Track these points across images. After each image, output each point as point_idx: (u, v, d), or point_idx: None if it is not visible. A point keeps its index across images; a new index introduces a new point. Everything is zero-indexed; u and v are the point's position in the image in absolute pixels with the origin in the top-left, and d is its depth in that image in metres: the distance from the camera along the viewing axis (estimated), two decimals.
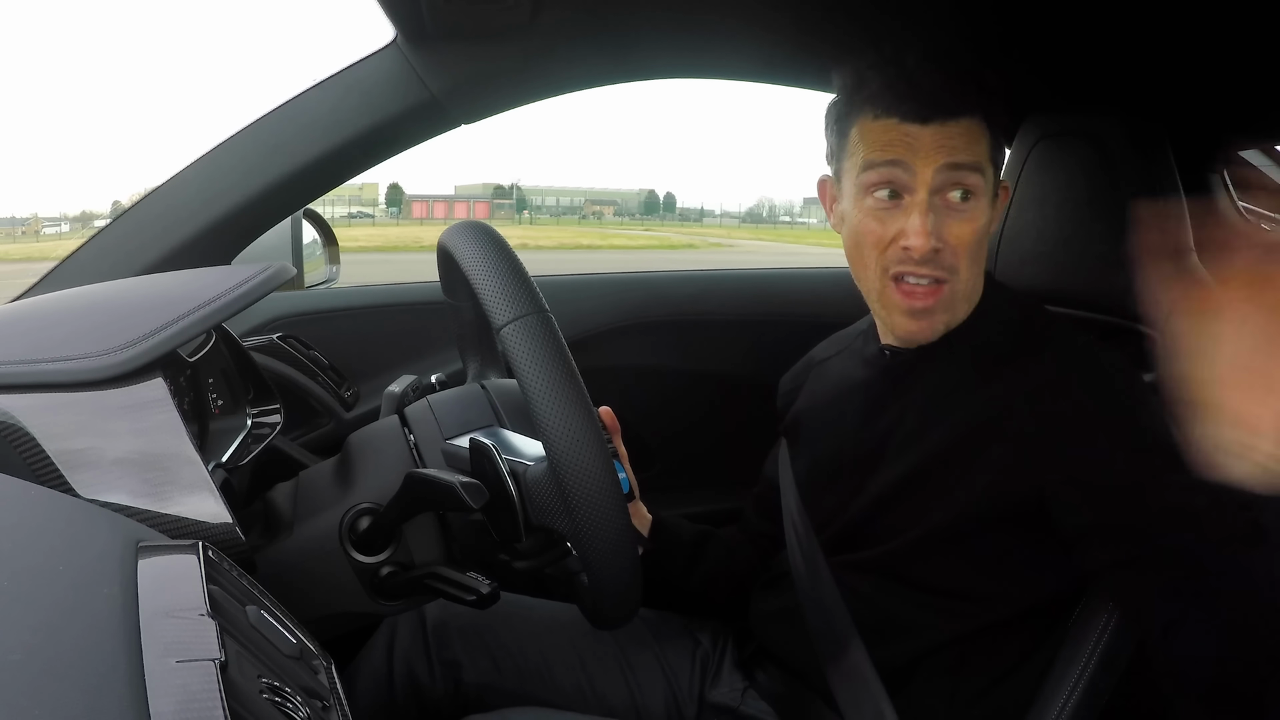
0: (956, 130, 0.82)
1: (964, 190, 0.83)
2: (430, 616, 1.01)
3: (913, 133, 0.82)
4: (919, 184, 0.82)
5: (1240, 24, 0.99)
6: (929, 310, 0.85)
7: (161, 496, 0.66)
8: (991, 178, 0.86)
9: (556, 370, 0.64)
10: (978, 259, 0.86)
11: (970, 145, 0.82)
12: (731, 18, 1.16)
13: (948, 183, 0.82)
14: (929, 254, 0.82)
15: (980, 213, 0.84)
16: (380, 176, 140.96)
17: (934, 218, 0.82)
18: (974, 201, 0.83)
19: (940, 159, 0.81)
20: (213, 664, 0.38)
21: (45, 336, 0.70)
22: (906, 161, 0.82)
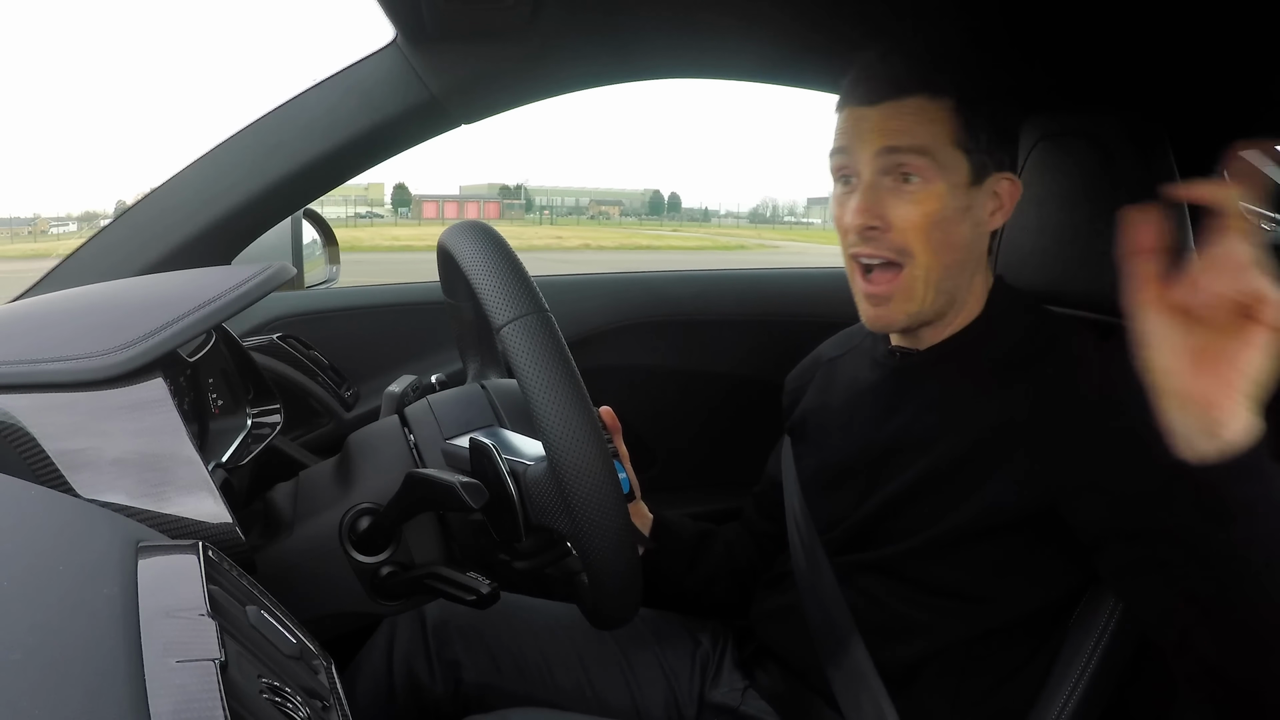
0: (904, 110, 0.82)
1: (905, 173, 0.83)
2: (430, 616, 1.01)
3: (861, 115, 0.84)
4: (862, 165, 0.84)
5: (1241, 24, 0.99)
6: (886, 297, 0.85)
7: (161, 496, 0.65)
8: (958, 161, 0.83)
9: (556, 370, 0.64)
10: (938, 244, 0.83)
11: (915, 126, 0.82)
12: (732, 18, 1.16)
13: (889, 165, 0.83)
14: (867, 231, 0.84)
15: (931, 195, 0.82)
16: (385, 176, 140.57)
17: (875, 196, 0.83)
18: (920, 184, 0.82)
19: (878, 143, 0.83)
20: (213, 664, 0.38)
21: (45, 336, 0.70)
22: (849, 147, 0.85)
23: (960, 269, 0.87)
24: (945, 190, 0.83)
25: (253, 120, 1.14)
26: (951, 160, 0.83)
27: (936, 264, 0.84)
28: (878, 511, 0.89)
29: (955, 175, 0.84)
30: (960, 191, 0.84)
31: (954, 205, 0.84)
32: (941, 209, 0.83)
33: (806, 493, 0.99)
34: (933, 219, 0.83)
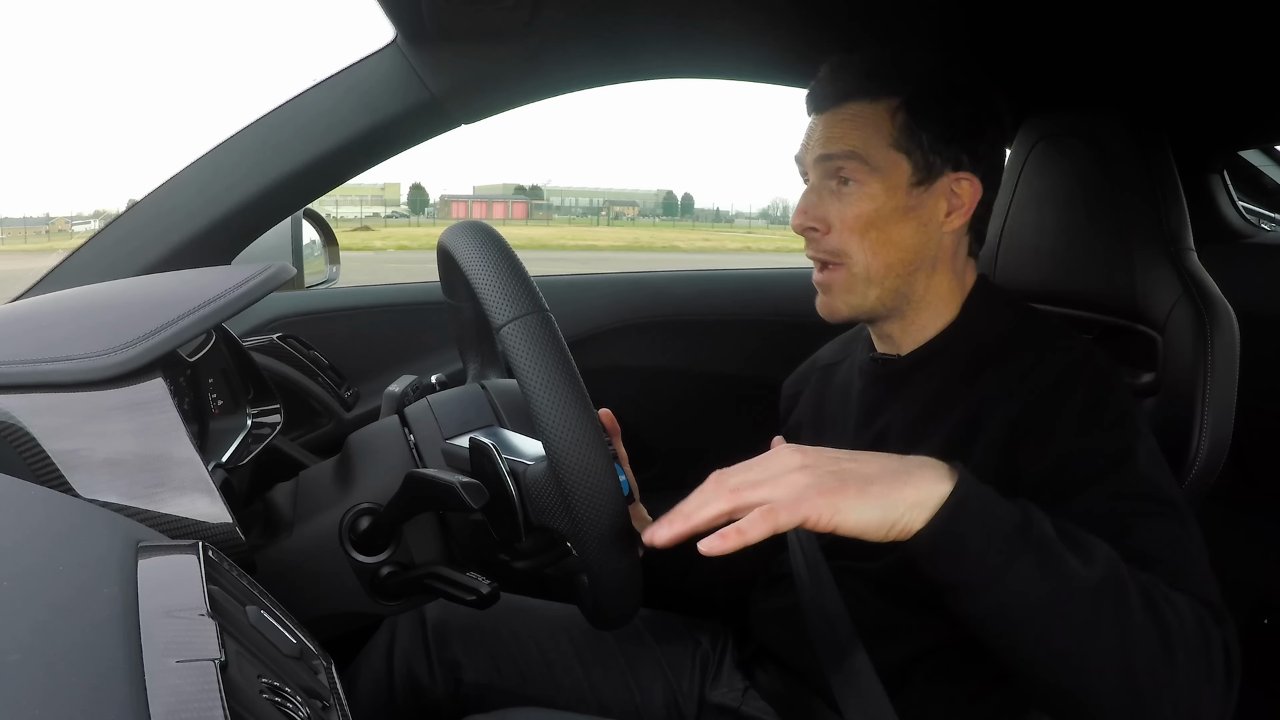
0: (840, 116, 0.86)
1: (843, 177, 0.86)
2: (430, 616, 1.01)
3: (811, 124, 0.90)
4: (810, 171, 0.89)
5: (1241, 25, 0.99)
6: (827, 286, 0.90)
7: (161, 496, 0.65)
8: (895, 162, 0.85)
9: (556, 370, 0.64)
10: (876, 244, 0.86)
11: (848, 132, 0.85)
12: (731, 18, 1.16)
13: (829, 170, 0.87)
14: (807, 232, 0.89)
15: (864, 197, 0.85)
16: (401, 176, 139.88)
17: (814, 199, 0.88)
18: (854, 185, 0.86)
19: (816, 151, 0.88)
20: (213, 664, 0.38)
21: (45, 336, 0.70)
22: (801, 158, 0.91)
23: (907, 268, 0.87)
24: (880, 191, 0.85)
25: (253, 120, 1.14)
26: (887, 161, 0.85)
27: (876, 262, 0.87)
28: None
29: (893, 176, 0.85)
30: (900, 192, 0.85)
31: (892, 205, 0.85)
32: (876, 209, 0.85)
33: None
34: (866, 219, 0.86)
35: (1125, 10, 1.00)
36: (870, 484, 0.61)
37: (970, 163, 0.87)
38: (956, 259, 0.90)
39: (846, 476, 0.61)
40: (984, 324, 0.89)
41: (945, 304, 0.90)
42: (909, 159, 0.85)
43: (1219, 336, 0.90)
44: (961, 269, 0.91)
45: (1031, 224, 1.06)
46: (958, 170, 0.86)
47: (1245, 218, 1.55)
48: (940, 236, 0.88)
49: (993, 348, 0.86)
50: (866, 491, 0.61)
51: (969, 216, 0.88)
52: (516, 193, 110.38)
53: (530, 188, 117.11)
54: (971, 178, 0.87)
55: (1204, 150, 1.45)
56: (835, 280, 0.89)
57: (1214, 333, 0.90)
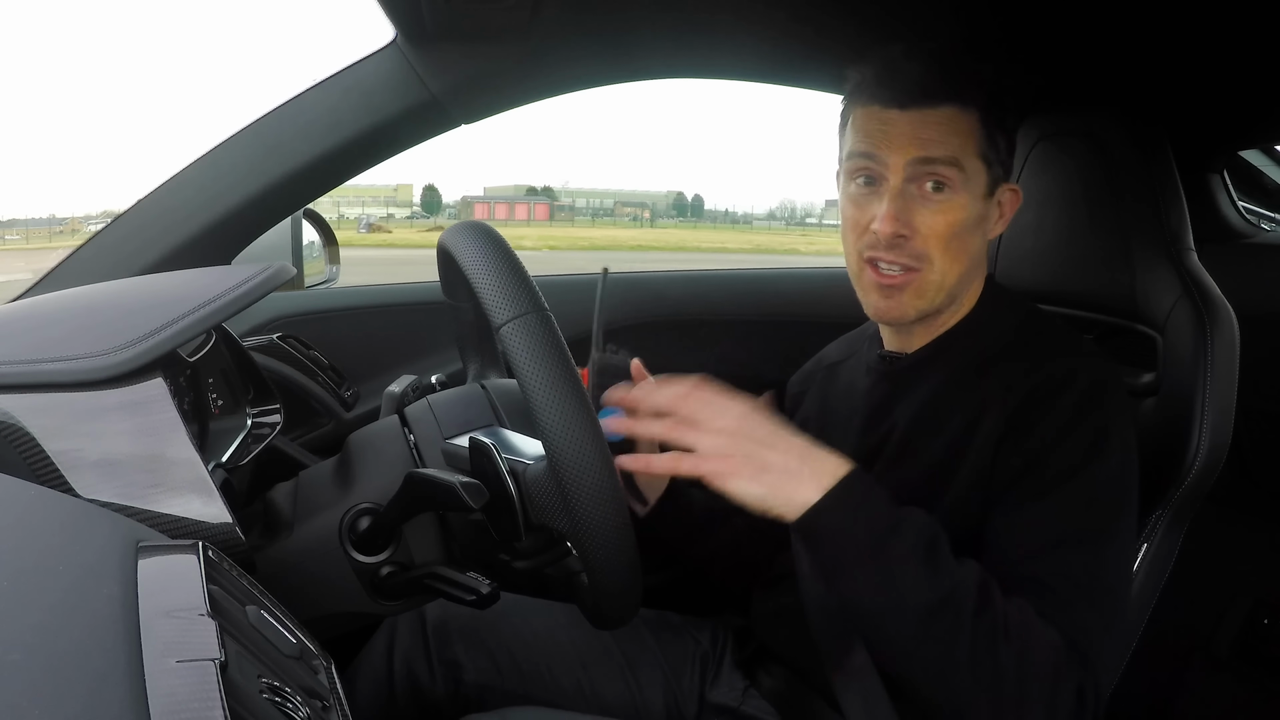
0: (935, 118, 0.82)
1: (936, 181, 0.83)
2: (430, 616, 1.01)
3: (890, 118, 0.83)
4: (891, 171, 0.83)
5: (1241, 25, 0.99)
6: (898, 288, 0.86)
7: (161, 496, 0.65)
8: (980, 172, 0.85)
9: (556, 369, 0.64)
10: (956, 252, 0.85)
11: (947, 137, 0.82)
12: (731, 18, 1.16)
13: (920, 173, 0.83)
14: (895, 239, 0.83)
15: (956, 206, 0.83)
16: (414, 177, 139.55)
17: (903, 204, 0.83)
18: (949, 193, 0.83)
19: (912, 152, 0.82)
20: (213, 664, 0.38)
21: (45, 336, 0.70)
22: (879, 154, 0.84)
23: (969, 275, 0.88)
24: (969, 201, 0.84)
25: (253, 120, 1.14)
26: (975, 171, 0.84)
27: (952, 271, 0.85)
28: None
29: (977, 186, 0.85)
30: (980, 202, 0.86)
31: (974, 215, 0.85)
32: (965, 219, 0.84)
33: None
34: (955, 229, 0.84)
35: (1125, 10, 1.00)
36: (765, 472, 0.72)
37: (1009, 173, 0.89)
38: (985, 264, 0.92)
39: (753, 458, 0.73)
40: (990, 324, 0.90)
41: (968, 304, 0.92)
42: (988, 170, 0.85)
43: (1219, 336, 0.90)
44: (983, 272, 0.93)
45: (1031, 224, 1.06)
46: (1007, 180, 0.89)
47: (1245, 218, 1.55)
48: (987, 245, 0.90)
49: (997, 349, 0.87)
50: (759, 478, 0.72)
51: (1006, 225, 0.91)
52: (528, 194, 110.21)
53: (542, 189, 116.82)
54: (1015, 188, 0.90)
55: (1204, 150, 1.45)
56: (909, 284, 0.85)
57: (1214, 333, 0.90)
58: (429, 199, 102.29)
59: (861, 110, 0.86)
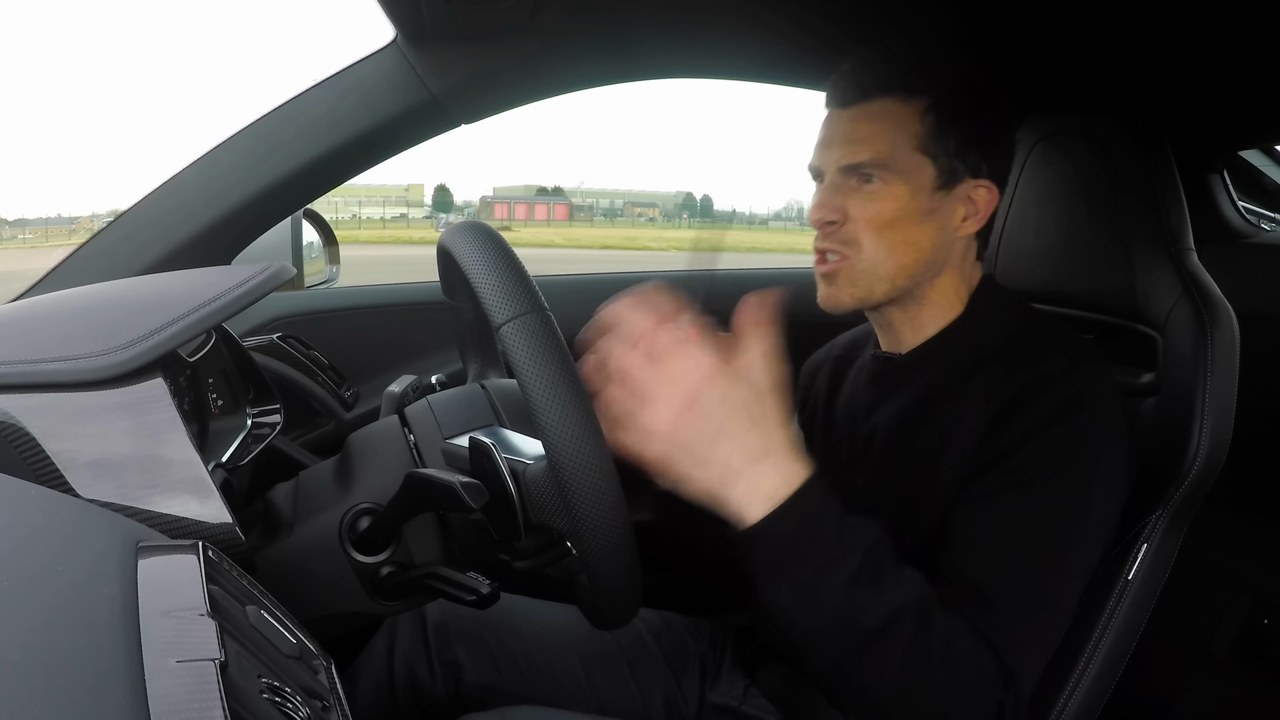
0: (869, 113, 0.84)
1: (866, 174, 0.85)
2: (430, 617, 1.01)
3: (832, 120, 0.88)
4: (827, 167, 0.88)
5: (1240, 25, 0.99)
6: (831, 276, 0.88)
7: (161, 496, 0.65)
8: (921, 165, 0.84)
9: (556, 369, 0.64)
10: (890, 241, 0.85)
11: (876, 134, 0.84)
12: (731, 18, 1.16)
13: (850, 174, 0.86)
14: (825, 226, 0.87)
15: (887, 195, 0.84)
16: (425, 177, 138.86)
17: (833, 193, 0.87)
18: (878, 183, 0.84)
19: (842, 159, 0.86)
20: (213, 664, 0.38)
21: (45, 336, 0.70)
22: (819, 151, 0.88)
23: (919, 269, 0.87)
24: (904, 193, 0.84)
25: (253, 120, 1.14)
26: (913, 164, 0.84)
27: (889, 260, 0.86)
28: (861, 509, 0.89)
29: (917, 179, 0.85)
30: (923, 195, 0.85)
31: (913, 207, 0.85)
32: (897, 210, 0.84)
33: None
34: (886, 217, 0.85)
35: (1125, 10, 1.00)
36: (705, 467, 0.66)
37: (988, 170, 0.87)
38: (965, 262, 0.91)
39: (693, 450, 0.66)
40: (984, 326, 0.90)
41: (950, 303, 0.91)
42: (934, 163, 0.85)
43: (1219, 336, 0.90)
44: (969, 272, 0.92)
45: (1031, 224, 1.06)
46: (977, 177, 0.87)
47: (1245, 218, 1.55)
48: (953, 241, 0.88)
49: (988, 352, 0.86)
50: (690, 475, 0.67)
51: (983, 223, 0.89)
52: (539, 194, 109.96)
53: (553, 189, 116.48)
54: (990, 185, 0.88)
55: (1204, 150, 1.45)
56: (840, 270, 0.87)
57: (1214, 333, 0.90)
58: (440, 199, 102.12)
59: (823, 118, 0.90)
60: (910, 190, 0.84)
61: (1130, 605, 0.89)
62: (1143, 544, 0.90)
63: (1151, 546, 0.90)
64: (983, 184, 0.87)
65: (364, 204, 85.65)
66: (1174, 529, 0.91)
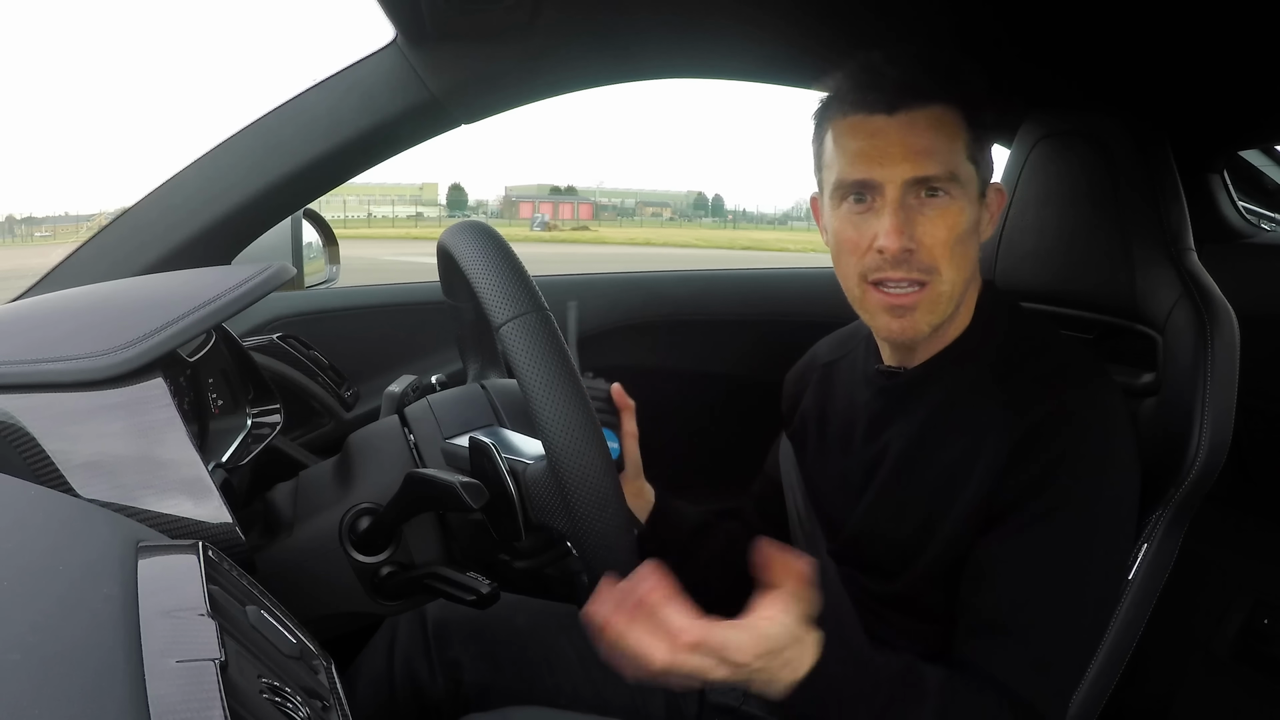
0: (925, 121, 0.79)
1: (932, 189, 0.80)
2: (430, 616, 1.01)
3: (878, 127, 0.79)
4: (888, 185, 0.79)
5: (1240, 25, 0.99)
6: (909, 308, 0.82)
7: (161, 496, 0.65)
8: (973, 176, 0.82)
9: (555, 369, 0.64)
10: (960, 259, 0.81)
11: (939, 143, 0.79)
12: (731, 18, 1.16)
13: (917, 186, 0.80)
14: (902, 254, 0.79)
15: (955, 210, 0.80)
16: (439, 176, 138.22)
17: (905, 216, 0.79)
18: (946, 198, 0.80)
19: (907, 172, 0.79)
20: (213, 664, 0.38)
21: (45, 336, 0.70)
22: (872, 178, 0.80)
23: (970, 282, 0.86)
24: (967, 205, 0.81)
25: (253, 120, 1.14)
26: (969, 176, 0.82)
27: (959, 279, 0.82)
28: (867, 531, 0.90)
29: (972, 190, 0.82)
30: (975, 206, 0.83)
31: (972, 219, 0.82)
32: (965, 225, 0.81)
33: (810, 497, 0.99)
34: (957, 235, 0.80)
35: (1125, 10, 1.00)
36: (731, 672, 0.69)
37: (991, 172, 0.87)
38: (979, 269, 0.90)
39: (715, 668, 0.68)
40: (988, 335, 0.88)
41: (965, 313, 0.89)
42: (978, 172, 0.83)
43: (1219, 336, 0.90)
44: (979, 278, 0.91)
45: (1031, 224, 1.06)
46: (991, 179, 0.87)
47: (1245, 218, 1.55)
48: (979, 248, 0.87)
49: (1000, 368, 0.85)
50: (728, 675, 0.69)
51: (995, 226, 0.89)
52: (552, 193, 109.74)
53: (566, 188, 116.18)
54: (1000, 187, 0.87)
55: (1204, 150, 1.45)
56: (922, 300, 0.81)
57: (1214, 333, 0.90)
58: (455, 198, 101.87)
59: (844, 122, 0.82)
60: (969, 203, 0.81)
61: (1130, 605, 0.89)
62: (1143, 544, 0.90)
63: (1151, 546, 0.90)
64: (995, 186, 0.87)
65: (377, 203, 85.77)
66: (1174, 529, 0.91)
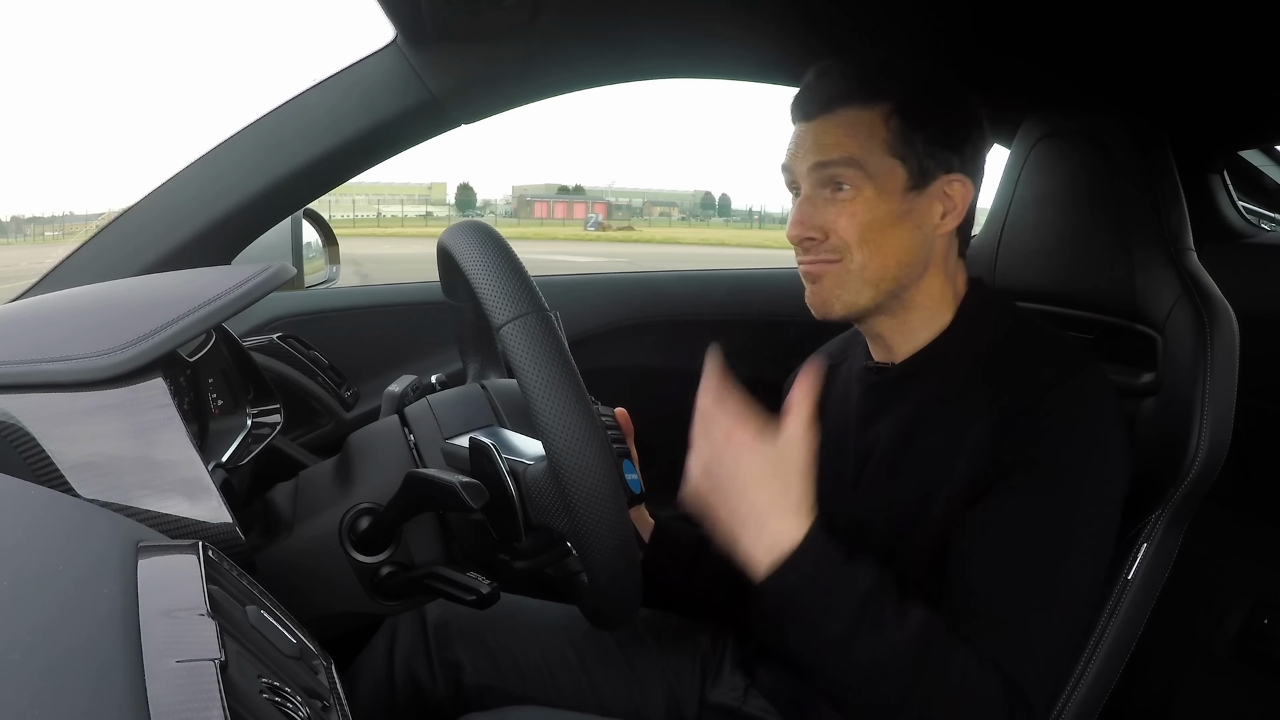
0: (833, 123, 0.85)
1: (838, 183, 0.85)
2: (430, 616, 1.01)
3: (800, 131, 0.89)
4: (801, 181, 0.88)
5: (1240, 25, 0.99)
6: (817, 276, 0.88)
7: (161, 496, 0.65)
8: (892, 168, 0.85)
9: (556, 369, 0.64)
10: (875, 245, 0.85)
11: (844, 139, 0.85)
12: (731, 18, 1.16)
13: (824, 178, 0.86)
14: (805, 242, 0.88)
15: (861, 202, 0.85)
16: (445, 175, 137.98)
17: (810, 208, 0.87)
18: (852, 192, 0.85)
19: (810, 158, 0.86)
20: (213, 664, 0.38)
21: (45, 336, 0.70)
22: (789, 164, 0.89)
23: (904, 271, 0.87)
24: (877, 197, 0.85)
25: (253, 120, 1.14)
26: (883, 167, 0.85)
27: (873, 262, 0.86)
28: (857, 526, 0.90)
29: (889, 181, 0.85)
30: (896, 196, 0.85)
31: (888, 210, 0.85)
32: (874, 215, 0.85)
33: None
34: (865, 224, 0.85)
35: (1125, 10, 1.00)
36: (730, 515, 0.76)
37: (960, 164, 0.87)
38: (948, 261, 0.91)
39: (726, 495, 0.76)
40: (976, 333, 0.89)
41: (938, 307, 0.90)
42: (904, 164, 0.85)
43: (1219, 336, 0.90)
44: (953, 271, 0.91)
45: (1031, 224, 1.06)
46: (949, 172, 0.87)
47: (1245, 218, 1.55)
48: (934, 239, 0.88)
49: (984, 361, 0.86)
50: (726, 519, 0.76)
51: (961, 218, 0.89)
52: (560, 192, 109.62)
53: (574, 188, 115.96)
54: (964, 179, 0.88)
55: (1204, 150, 1.45)
56: (828, 273, 0.87)
57: (1214, 333, 0.90)
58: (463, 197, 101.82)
59: None
60: (882, 193, 0.85)
61: (1130, 605, 0.89)
62: (1143, 544, 0.90)
63: (1151, 546, 0.90)
64: (956, 178, 0.87)
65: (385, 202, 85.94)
66: (1174, 529, 0.91)
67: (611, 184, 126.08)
